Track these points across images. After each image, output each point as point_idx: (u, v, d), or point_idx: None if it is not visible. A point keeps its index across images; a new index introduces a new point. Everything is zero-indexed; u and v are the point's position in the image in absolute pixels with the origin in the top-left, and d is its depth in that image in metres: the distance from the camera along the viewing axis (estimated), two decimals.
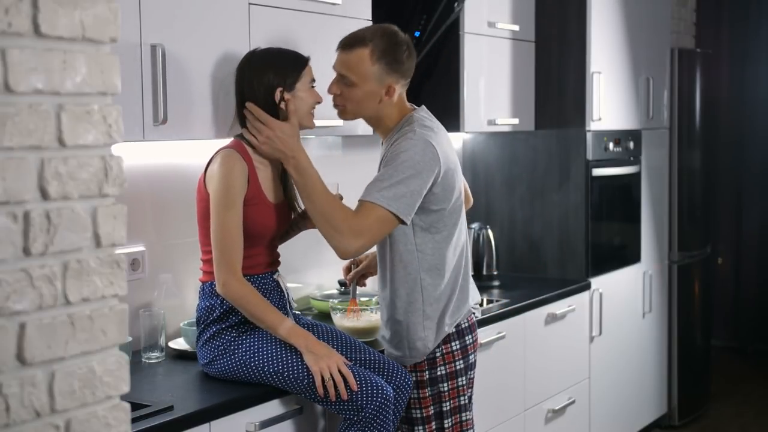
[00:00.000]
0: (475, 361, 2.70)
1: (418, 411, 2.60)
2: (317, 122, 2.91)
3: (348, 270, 2.97)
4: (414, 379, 2.60)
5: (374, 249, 2.72)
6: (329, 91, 2.58)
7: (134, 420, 2.04)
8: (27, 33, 1.29)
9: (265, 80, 2.45)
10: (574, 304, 3.90)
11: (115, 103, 1.42)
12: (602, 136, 4.16)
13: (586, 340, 4.05)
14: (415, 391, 2.60)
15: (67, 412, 1.36)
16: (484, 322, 3.18)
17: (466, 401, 2.65)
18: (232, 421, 2.29)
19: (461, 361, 2.63)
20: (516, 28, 3.87)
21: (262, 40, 2.61)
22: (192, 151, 2.82)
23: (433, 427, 2.60)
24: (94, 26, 1.38)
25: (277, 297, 2.56)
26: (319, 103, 2.54)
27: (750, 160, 6.36)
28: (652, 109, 4.59)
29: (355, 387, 2.36)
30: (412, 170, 2.44)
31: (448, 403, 2.60)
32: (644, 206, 4.59)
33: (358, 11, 3.04)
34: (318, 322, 2.68)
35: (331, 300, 3.13)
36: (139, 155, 2.70)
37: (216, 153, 2.47)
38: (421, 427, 2.60)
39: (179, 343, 2.74)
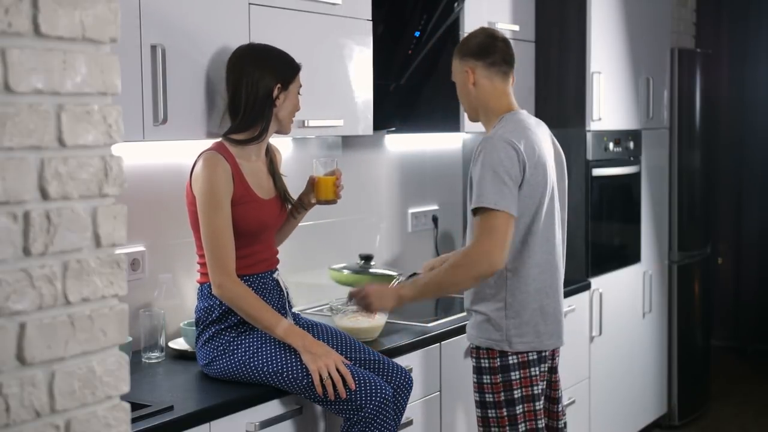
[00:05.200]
0: (547, 356, 2.75)
1: (491, 395, 2.67)
2: (319, 122, 2.92)
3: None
4: (488, 364, 2.66)
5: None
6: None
7: (134, 420, 2.04)
8: (27, 33, 1.29)
9: (267, 76, 2.47)
10: (574, 304, 3.90)
11: (115, 103, 1.42)
12: (602, 136, 4.16)
13: (586, 340, 4.05)
14: (488, 377, 2.66)
15: (67, 412, 1.36)
16: None
17: (539, 391, 2.70)
18: (232, 421, 2.29)
19: (534, 354, 2.68)
20: (516, 28, 3.87)
21: (262, 40, 2.61)
22: (192, 151, 2.82)
23: (505, 413, 2.66)
24: (94, 26, 1.38)
25: (277, 296, 2.56)
26: (298, 110, 2.57)
27: (750, 160, 6.36)
28: (652, 109, 4.59)
29: (353, 386, 2.36)
30: (501, 167, 2.54)
31: (519, 391, 2.66)
32: (644, 206, 4.59)
33: (358, 11, 3.04)
34: (317, 321, 2.68)
35: (332, 300, 3.13)
36: (139, 155, 2.70)
37: (198, 156, 2.48)
38: (493, 411, 2.67)
39: (179, 343, 2.74)
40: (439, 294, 2.63)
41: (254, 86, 2.46)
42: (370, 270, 3.30)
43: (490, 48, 2.71)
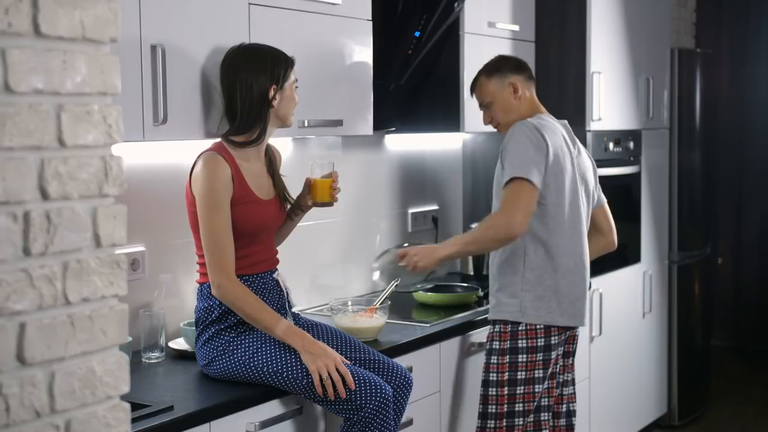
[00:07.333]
0: (557, 343, 2.90)
1: (495, 375, 2.88)
2: (319, 122, 2.92)
3: None
4: (498, 346, 2.87)
5: None
6: (484, 123, 3.06)
7: (134, 420, 2.04)
8: (27, 33, 1.29)
9: (261, 78, 2.46)
10: None
11: (115, 103, 1.42)
12: (602, 136, 4.16)
13: (586, 341, 4.05)
14: (496, 357, 2.88)
15: (67, 412, 1.36)
16: (484, 323, 3.18)
17: (541, 375, 2.88)
18: (232, 421, 2.29)
19: (542, 339, 2.87)
20: (516, 28, 3.87)
21: (262, 40, 2.61)
22: (192, 151, 2.82)
23: (505, 392, 2.86)
24: (94, 26, 1.38)
25: (277, 296, 2.56)
26: (295, 104, 2.57)
27: (750, 160, 6.36)
28: (652, 109, 4.59)
29: (353, 386, 2.36)
30: (527, 145, 2.78)
31: (523, 373, 2.86)
32: (644, 206, 4.59)
33: (358, 11, 3.04)
34: (317, 321, 2.68)
35: (332, 300, 3.13)
36: (139, 155, 2.70)
37: (198, 156, 2.48)
38: (494, 389, 2.88)
39: (179, 343, 2.74)
40: (473, 253, 2.92)
41: (249, 89, 2.46)
42: (456, 286, 3.56)
43: (524, 65, 3.06)
